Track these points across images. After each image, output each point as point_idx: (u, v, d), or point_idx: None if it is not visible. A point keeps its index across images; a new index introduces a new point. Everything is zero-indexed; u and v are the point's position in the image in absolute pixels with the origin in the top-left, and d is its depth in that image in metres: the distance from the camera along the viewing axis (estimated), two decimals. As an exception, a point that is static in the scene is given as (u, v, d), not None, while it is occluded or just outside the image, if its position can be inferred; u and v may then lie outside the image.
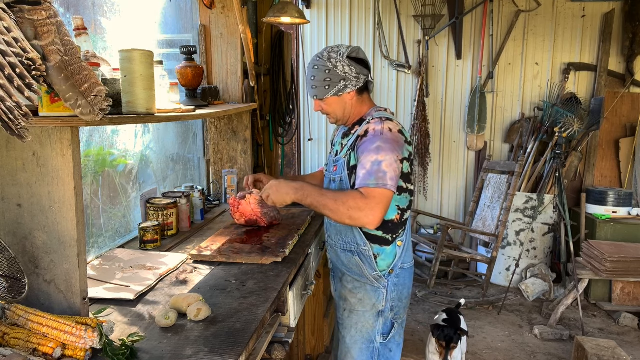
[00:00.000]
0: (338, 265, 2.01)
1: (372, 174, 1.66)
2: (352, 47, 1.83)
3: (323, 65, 1.81)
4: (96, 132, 1.99)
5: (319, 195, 1.70)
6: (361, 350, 1.93)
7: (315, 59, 1.84)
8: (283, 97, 3.66)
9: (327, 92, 1.82)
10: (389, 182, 1.66)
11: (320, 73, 1.81)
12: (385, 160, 1.67)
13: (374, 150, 1.69)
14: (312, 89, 1.85)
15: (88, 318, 1.26)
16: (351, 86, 1.82)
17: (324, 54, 1.82)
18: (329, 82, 1.81)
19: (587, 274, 3.67)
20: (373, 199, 1.64)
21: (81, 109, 1.09)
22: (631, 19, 4.63)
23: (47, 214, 1.26)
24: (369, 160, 1.69)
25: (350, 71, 1.80)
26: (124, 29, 2.18)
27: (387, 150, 1.69)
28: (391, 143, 1.71)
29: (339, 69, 1.80)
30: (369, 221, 1.64)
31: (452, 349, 2.77)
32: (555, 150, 4.29)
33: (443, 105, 5.05)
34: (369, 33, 5.00)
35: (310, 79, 1.85)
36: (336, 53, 1.80)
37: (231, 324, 1.40)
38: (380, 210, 1.64)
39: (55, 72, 1.05)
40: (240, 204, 2.19)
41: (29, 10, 1.02)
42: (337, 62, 1.79)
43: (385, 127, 1.74)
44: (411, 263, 1.97)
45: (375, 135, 1.73)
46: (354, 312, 1.93)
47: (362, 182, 1.68)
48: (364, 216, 1.63)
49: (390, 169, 1.67)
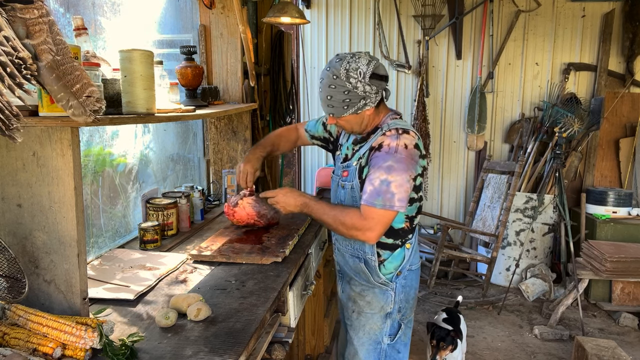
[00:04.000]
0: (345, 269, 2.00)
1: (380, 194, 1.64)
2: (372, 62, 1.69)
3: (341, 86, 1.67)
4: (96, 132, 1.99)
5: (321, 213, 1.77)
6: (368, 352, 1.93)
7: (331, 77, 1.69)
8: (283, 97, 3.66)
9: (345, 112, 1.72)
10: (397, 203, 1.65)
11: (339, 94, 1.68)
12: (395, 181, 1.64)
13: (385, 168, 1.65)
14: (328, 107, 1.74)
15: (88, 318, 1.26)
16: (371, 103, 1.72)
17: (341, 72, 1.67)
18: (348, 102, 1.69)
19: (587, 274, 3.67)
20: (372, 219, 1.66)
21: (73, 110, 1.07)
22: (631, 19, 4.63)
23: (47, 214, 1.26)
24: (378, 177, 1.65)
25: (371, 90, 1.69)
26: (124, 29, 2.18)
27: (400, 170, 1.65)
28: (405, 162, 1.66)
29: (359, 90, 1.67)
30: (366, 239, 1.71)
31: (443, 349, 2.77)
32: (555, 150, 4.29)
33: (443, 105, 5.05)
34: (369, 33, 5.00)
35: (326, 98, 1.72)
36: (355, 71, 1.66)
37: (231, 324, 1.40)
38: (379, 229, 1.68)
39: (47, 71, 1.04)
40: (235, 212, 2.18)
41: (21, 8, 1.01)
42: (357, 83, 1.67)
43: (400, 143, 1.67)
44: (418, 264, 1.97)
45: (388, 152, 1.67)
46: (362, 314, 1.93)
47: (368, 200, 1.66)
48: (361, 235, 1.70)
49: (401, 189, 1.64)
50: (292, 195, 1.83)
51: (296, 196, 1.82)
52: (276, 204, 1.85)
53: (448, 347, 2.77)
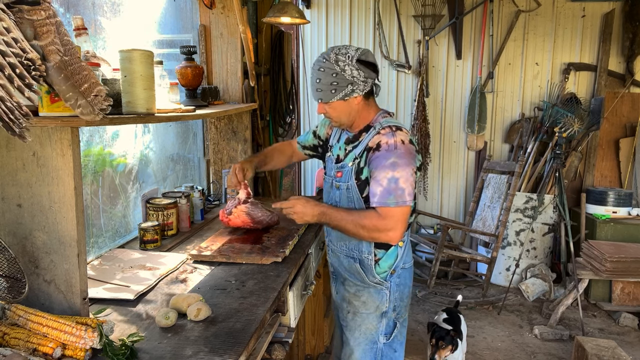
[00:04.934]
0: (340, 270, 2.00)
1: (391, 192, 1.66)
2: (361, 49, 1.75)
3: (330, 68, 1.71)
4: (96, 132, 1.99)
5: (339, 219, 1.76)
6: (364, 352, 1.93)
7: (321, 60, 1.75)
8: (283, 97, 3.66)
9: (333, 96, 1.74)
10: (408, 197, 1.68)
11: (327, 76, 1.72)
12: (402, 177, 1.67)
13: (390, 166, 1.67)
14: (317, 91, 1.77)
15: (88, 318, 1.26)
16: (358, 91, 1.74)
17: (331, 55, 1.73)
18: (336, 85, 1.72)
19: (587, 274, 3.67)
20: (391, 218, 1.67)
21: (81, 109, 1.09)
22: (631, 19, 4.63)
23: (47, 214, 1.26)
24: (385, 177, 1.67)
25: (359, 75, 1.72)
26: (124, 29, 2.18)
27: (404, 166, 1.68)
28: (406, 157, 1.69)
29: (347, 73, 1.71)
30: (389, 239, 1.73)
31: (442, 349, 2.77)
32: (555, 150, 4.29)
33: (443, 105, 5.05)
34: (369, 33, 5.00)
35: (315, 82, 1.76)
36: (344, 55, 1.71)
37: (231, 324, 1.40)
38: (400, 228, 1.70)
39: (55, 72, 1.05)
40: (230, 220, 2.19)
41: (28, 10, 1.02)
42: (345, 66, 1.71)
43: (398, 140, 1.70)
44: (411, 262, 1.97)
45: (389, 150, 1.69)
46: (357, 314, 1.93)
47: (381, 201, 1.68)
48: (384, 236, 1.71)
49: (408, 184, 1.67)
50: (310, 206, 1.80)
51: (313, 206, 1.80)
52: (293, 214, 1.81)
53: (447, 346, 2.77)
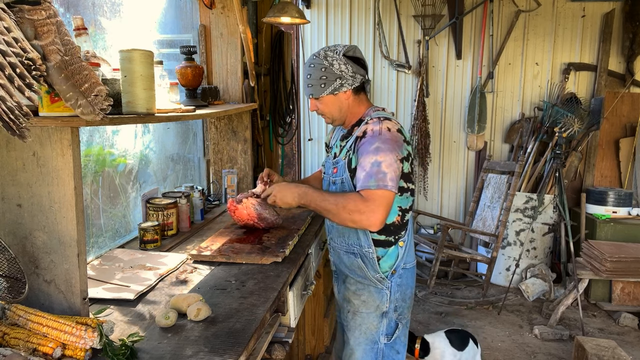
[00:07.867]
0: (341, 268, 2.00)
1: (372, 175, 1.67)
2: (348, 45, 1.83)
3: (319, 64, 1.80)
4: (96, 132, 1.99)
5: (321, 200, 1.74)
6: (365, 352, 1.93)
7: (311, 57, 1.84)
8: (283, 97, 3.66)
9: (322, 91, 1.81)
10: (389, 182, 1.66)
11: (316, 71, 1.80)
12: (385, 161, 1.67)
13: (373, 151, 1.69)
14: (307, 87, 1.84)
15: (88, 318, 1.26)
16: (347, 85, 1.81)
17: (321, 52, 1.82)
18: (325, 80, 1.80)
19: (587, 274, 3.67)
20: (373, 201, 1.65)
21: (82, 109, 1.09)
22: (631, 19, 4.63)
23: (47, 214, 1.26)
24: (369, 161, 1.69)
25: (347, 70, 1.79)
26: (124, 29, 2.18)
27: (387, 151, 1.69)
28: (390, 143, 1.71)
29: (335, 67, 1.79)
30: (370, 223, 1.66)
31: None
32: (555, 150, 4.29)
33: (443, 105, 5.05)
34: (369, 33, 5.00)
35: (306, 77, 1.84)
36: (332, 51, 1.80)
37: (231, 324, 1.40)
38: (381, 212, 1.65)
39: (56, 71, 1.05)
40: (237, 209, 2.18)
41: (29, 10, 1.02)
42: (333, 60, 1.79)
43: (383, 127, 1.73)
44: (413, 263, 1.96)
45: (373, 136, 1.72)
46: (357, 313, 1.93)
47: (363, 184, 1.68)
48: (365, 219, 1.65)
49: (390, 169, 1.67)
50: (288, 187, 1.82)
51: (292, 187, 1.81)
52: (274, 199, 1.83)
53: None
